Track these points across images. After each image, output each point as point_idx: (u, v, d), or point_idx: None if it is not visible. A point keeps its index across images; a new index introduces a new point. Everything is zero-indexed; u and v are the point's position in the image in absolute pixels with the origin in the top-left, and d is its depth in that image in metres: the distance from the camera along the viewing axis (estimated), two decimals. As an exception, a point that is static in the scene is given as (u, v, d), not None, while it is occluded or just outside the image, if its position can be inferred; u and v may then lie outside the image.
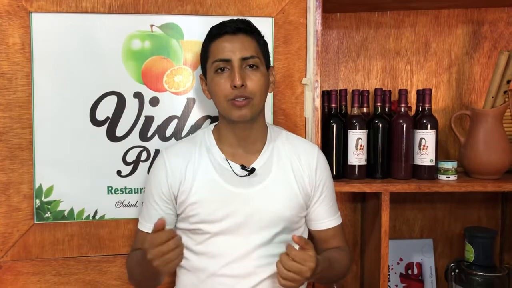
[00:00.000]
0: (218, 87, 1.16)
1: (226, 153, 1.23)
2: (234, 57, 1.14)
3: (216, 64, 1.16)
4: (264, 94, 1.19)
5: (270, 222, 1.19)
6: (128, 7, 1.34)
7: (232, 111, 1.15)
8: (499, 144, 1.50)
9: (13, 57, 1.29)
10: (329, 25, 1.75)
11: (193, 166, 1.21)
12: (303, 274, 1.02)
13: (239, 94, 1.14)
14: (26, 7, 1.29)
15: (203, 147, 1.24)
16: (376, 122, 1.53)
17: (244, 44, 1.16)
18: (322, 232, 1.29)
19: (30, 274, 1.35)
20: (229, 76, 1.15)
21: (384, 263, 1.45)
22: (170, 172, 1.21)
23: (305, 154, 1.27)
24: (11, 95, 1.30)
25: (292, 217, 1.22)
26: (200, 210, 1.18)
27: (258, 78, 1.16)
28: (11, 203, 1.32)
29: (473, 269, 1.57)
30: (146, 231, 1.24)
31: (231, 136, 1.22)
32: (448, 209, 1.79)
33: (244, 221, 1.18)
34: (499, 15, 1.73)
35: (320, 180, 1.26)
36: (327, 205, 1.28)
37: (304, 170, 1.25)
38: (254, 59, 1.16)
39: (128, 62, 1.35)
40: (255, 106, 1.17)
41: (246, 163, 1.22)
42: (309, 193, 1.25)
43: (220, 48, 1.16)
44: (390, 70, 1.76)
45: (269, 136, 1.26)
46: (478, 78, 1.75)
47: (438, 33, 1.75)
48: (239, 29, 1.17)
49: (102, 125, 1.35)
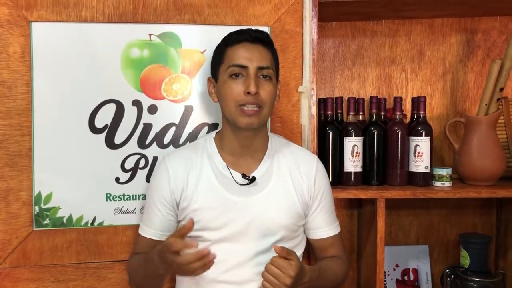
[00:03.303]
0: (230, 91, 1.17)
1: (227, 161, 1.24)
2: (251, 65, 1.17)
3: (232, 69, 1.18)
4: (272, 105, 1.22)
5: (269, 230, 1.21)
6: (127, 17, 1.36)
7: (240, 117, 1.17)
8: (493, 150, 1.52)
9: (13, 65, 1.31)
10: (325, 34, 1.77)
11: (195, 173, 1.22)
12: (281, 279, 1.05)
13: (251, 101, 1.16)
14: (27, 16, 1.31)
15: (205, 154, 1.25)
16: (372, 129, 1.55)
17: (261, 53, 1.19)
18: (321, 241, 1.31)
19: (29, 281, 1.35)
20: (243, 82, 1.17)
21: (380, 269, 1.46)
22: (173, 178, 1.22)
23: (305, 163, 1.28)
24: (11, 103, 1.32)
25: (290, 226, 1.24)
26: (201, 217, 1.19)
27: (270, 89, 1.19)
28: (10, 209, 1.33)
29: (469, 275, 1.59)
30: (148, 236, 1.24)
31: (233, 144, 1.24)
32: (444, 215, 1.81)
33: (243, 229, 1.19)
34: (492, 24, 1.75)
35: (319, 189, 1.28)
36: (325, 214, 1.30)
37: (303, 180, 1.26)
38: (268, 69, 1.19)
39: (127, 71, 1.37)
40: (264, 115, 1.19)
41: (247, 171, 1.24)
42: (307, 202, 1.27)
43: (238, 54, 1.18)
44: (385, 78, 1.79)
45: (269, 146, 1.28)
46: (472, 85, 1.77)
47: (433, 41, 1.78)
48: (258, 39, 1.20)
49: (100, 132, 1.37)
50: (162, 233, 1.23)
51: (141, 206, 1.40)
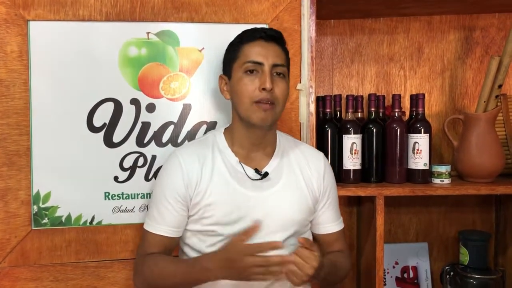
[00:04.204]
0: (245, 88, 1.18)
1: (239, 156, 1.24)
2: (267, 62, 1.18)
3: (247, 65, 1.18)
4: (285, 103, 1.23)
5: (282, 225, 1.21)
6: (125, 15, 1.36)
7: (255, 113, 1.17)
8: (491, 147, 1.52)
9: (11, 64, 1.31)
10: (324, 32, 1.77)
11: (208, 167, 1.22)
12: (305, 270, 1.06)
13: (266, 97, 1.16)
14: (24, 15, 1.31)
15: (216, 149, 1.25)
16: (370, 126, 1.55)
17: (276, 51, 1.20)
18: (327, 236, 1.32)
19: (28, 280, 1.35)
20: (259, 78, 1.17)
21: (379, 266, 1.46)
22: (186, 173, 1.21)
23: (313, 159, 1.30)
24: (9, 102, 1.31)
25: (302, 221, 1.25)
26: (215, 212, 1.19)
27: (284, 86, 1.20)
28: (9, 209, 1.33)
29: (468, 272, 1.59)
30: (161, 233, 1.21)
31: (245, 140, 1.24)
32: (443, 212, 1.81)
33: None
34: (490, 21, 1.75)
35: (327, 185, 1.30)
36: (332, 210, 1.32)
37: (313, 175, 1.28)
38: (283, 67, 1.20)
39: (125, 69, 1.37)
40: (277, 113, 1.20)
41: (258, 166, 1.24)
42: (317, 197, 1.28)
43: (253, 50, 1.19)
44: (384, 76, 1.78)
45: (278, 142, 1.29)
46: (471, 83, 1.77)
47: (431, 38, 1.78)
48: (273, 37, 1.21)
49: (99, 131, 1.36)
50: (175, 229, 1.21)
51: (140, 204, 1.39)
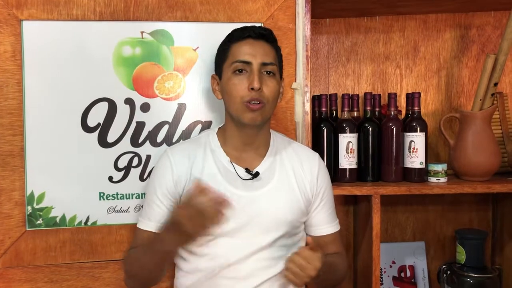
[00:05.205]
0: (235, 88, 1.17)
1: (230, 156, 1.24)
2: (255, 60, 1.17)
3: (235, 65, 1.18)
4: (275, 102, 1.22)
5: (272, 225, 1.21)
6: (119, 14, 1.36)
7: (245, 113, 1.17)
8: (488, 146, 1.52)
9: (4, 64, 1.30)
10: (319, 31, 1.77)
11: (198, 166, 1.22)
12: (307, 271, 1.05)
13: (255, 97, 1.16)
14: (17, 15, 1.30)
15: (208, 149, 1.25)
16: (366, 125, 1.55)
17: (265, 50, 1.19)
18: (321, 238, 1.30)
19: (22, 281, 1.34)
20: (247, 78, 1.17)
21: (376, 265, 1.46)
22: (176, 171, 1.21)
23: (308, 160, 1.29)
24: (2, 103, 1.31)
25: (293, 222, 1.24)
26: None
27: (273, 85, 1.19)
28: (2, 210, 1.32)
29: (465, 271, 1.59)
30: (148, 229, 1.22)
31: (237, 140, 1.24)
32: (440, 211, 1.80)
33: (246, 224, 1.19)
34: (486, 19, 1.75)
35: (321, 187, 1.29)
36: (326, 212, 1.30)
37: (306, 176, 1.27)
38: (272, 66, 1.19)
39: (119, 69, 1.36)
40: (266, 111, 1.19)
41: (250, 166, 1.23)
42: (310, 198, 1.27)
43: (241, 50, 1.18)
44: (380, 74, 1.78)
45: (272, 142, 1.28)
46: (467, 81, 1.77)
47: (427, 37, 1.77)
48: (262, 35, 1.20)
49: (93, 131, 1.36)
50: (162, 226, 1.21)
51: (135, 205, 1.39)
